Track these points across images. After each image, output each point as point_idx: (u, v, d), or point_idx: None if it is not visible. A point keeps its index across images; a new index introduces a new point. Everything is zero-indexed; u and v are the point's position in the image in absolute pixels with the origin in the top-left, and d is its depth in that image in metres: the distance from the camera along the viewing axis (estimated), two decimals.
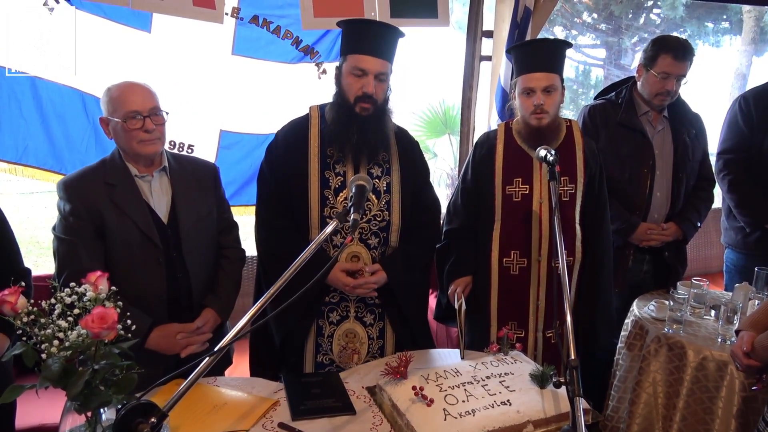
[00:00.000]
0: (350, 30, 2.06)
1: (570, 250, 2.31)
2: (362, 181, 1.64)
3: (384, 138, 2.10)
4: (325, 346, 2.16)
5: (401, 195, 2.14)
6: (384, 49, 2.01)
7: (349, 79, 2.02)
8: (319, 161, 2.08)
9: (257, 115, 3.17)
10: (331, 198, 2.08)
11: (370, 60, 1.98)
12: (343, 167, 2.10)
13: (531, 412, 1.62)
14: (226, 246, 2.19)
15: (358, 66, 1.99)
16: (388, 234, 2.13)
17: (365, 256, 2.11)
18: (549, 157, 1.85)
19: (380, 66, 2.00)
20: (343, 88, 2.05)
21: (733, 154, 3.01)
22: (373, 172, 2.12)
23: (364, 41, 2.00)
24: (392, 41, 2.06)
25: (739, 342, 1.78)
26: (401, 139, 2.22)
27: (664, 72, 2.58)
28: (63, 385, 1.25)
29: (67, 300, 1.30)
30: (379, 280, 2.07)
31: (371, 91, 1.99)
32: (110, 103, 1.91)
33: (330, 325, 2.15)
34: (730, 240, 3.16)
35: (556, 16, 11.04)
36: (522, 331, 2.34)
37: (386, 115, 2.10)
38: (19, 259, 1.95)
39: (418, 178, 2.23)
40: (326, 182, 2.08)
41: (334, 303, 2.14)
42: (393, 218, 2.13)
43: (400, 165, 2.17)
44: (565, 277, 1.53)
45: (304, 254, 1.39)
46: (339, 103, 2.07)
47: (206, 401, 1.68)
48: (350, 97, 2.02)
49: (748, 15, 10.39)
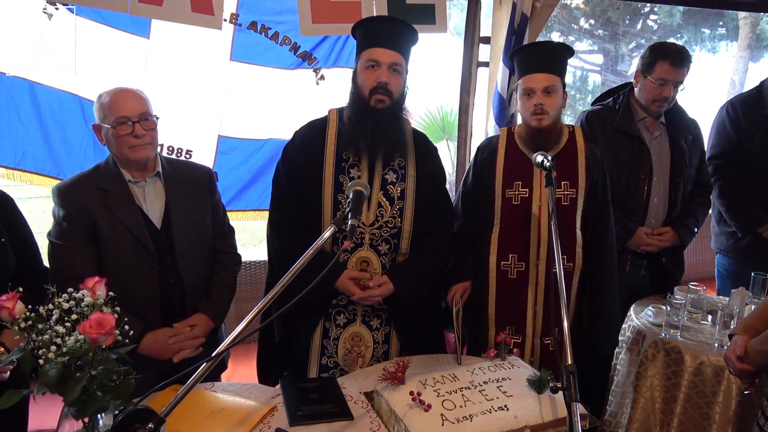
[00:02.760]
0: (363, 29, 2.06)
1: (570, 255, 2.29)
2: (360, 187, 1.65)
3: (400, 136, 2.07)
4: (330, 348, 2.16)
5: (414, 202, 2.12)
6: (396, 42, 2.01)
7: (363, 74, 2.01)
8: (335, 165, 2.07)
9: (255, 121, 3.18)
10: (344, 203, 2.06)
11: (382, 51, 1.98)
12: (358, 171, 2.08)
13: (528, 417, 1.62)
14: (221, 251, 2.19)
15: (371, 58, 1.99)
16: (399, 240, 2.12)
17: (375, 263, 2.09)
18: (545, 162, 1.86)
19: (393, 57, 1.99)
20: (358, 84, 2.04)
21: (723, 160, 3.03)
22: (387, 177, 2.10)
23: (376, 35, 2.00)
24: (404, 35, 2.05)
25: (733, 346, 1.78)
26: (419, 143, 2.19)
27: (661, 78, 2.58)
28: (60, 391, 1.25)
29: (64, 305, 1.30)
30: (385, 293, 2.06)
31: (385, 80, 1.97)
32: (101, 109, 1.92)
33: (336, 327, 2.14)
34: (721, 245, 3.18)
35: (554, 23, 11.08)
36: (519, 336, 2.34)
37: (403, 112, 2.08)
38: (39, 259, 1.97)
39: (433, 185, 2.20)
40: (340, 187, 2.06)
41: (342, 305, 2.14)
42: (404, 225, 2.11)
43: (416, 171, 2.14)
44: (562, 282, 1.53)
45: (303, 259, 1.40)
46: (354, 100, 2.06)
47: (204, 407, 1.68)
48: (365, 90, 2.00)
49: (744, 21, 10.44)
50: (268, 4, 3.04)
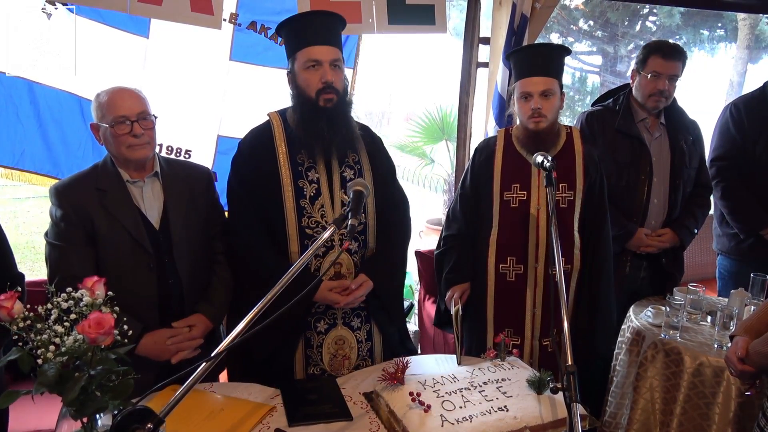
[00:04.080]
0: (293, 27, 2.00)
1: (568, 257, 2.30)
2: (360, 187, 1.65)
3: (352, 132, 2.06)
4: (315, 356, 2.11)
5: (374, 196, 2.10)
6: (331, 37, 1.98)
7: (304, 75, 1.97)
8: (291, 170, 2.03)
9: (255, 121, 3.15)
10: (308, 207, 2.03)
11: (321, 49, 1.95)
12: (315, 173, 2.05)
13: (528, 418, 1.62)
14: (220, 251, 2.17)
15: (311, 57, 1.95)
16: (366, 237, 2.12)
17: (347, 262, 2.08)
18: (546, 163, 1.86)
19: (332, 53, 1.97)
20: (300, 86, 1.99)
21: (726, 161, 3.03)
22: (345, 175, 2.08)
23: (310, 33, 1.96)
24: (337, 29, 2.03)
25: (734, 347, 1.78)
26: (366, 137, 2.18)
27: (654, 72, 2.60)
28: (59, 391, 1.24)
29: (63, 305, 1.29)
30: (367, 290, 2.05)
31: (331, 79, 1.95)
32: (99, 108, 1.91)
33: (318, 335, 2.10)
34: (723, 247, 3.17)
35: (553, 23, 11.08)
36: (518, 338, 2.34)
37: (349, 107, 2.07)
38: (12, 264, 1.94)
39: (387, 175, 2.20)
40: (301, 192, 2.03)
41: (320, 312, 2.10)
42: (369, 221, 2.11)
43: (371, 165, 2.13)
44: (562, 284, 1.53)
45: (300, 262, 1.39)
46: (301, 102, 2.01)
47: (203, 407, 1.68)
48: (311, 92, 1.97)
49: (743, 23, 10.45)
50: (268, 4, 3.04)
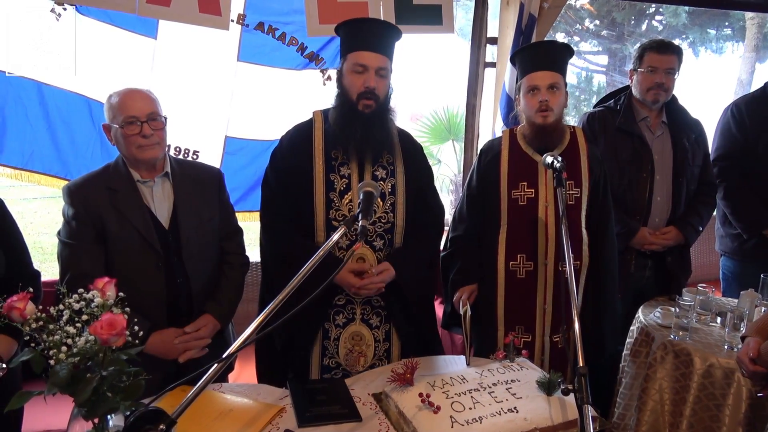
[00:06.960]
0: (349, 30, 2.07)
1: (577, 254, 2.31)
2: (370, 188, 1.65)
3: (387, 136, 2.10)
4: (331, 349, 2.15)
5: (405, 197, 2.15)
6: (382, 46, 2.03)
7: (350, 77, 2.03)
8: (324, 164, 2.09)
9: (262, 122, 3.18)
10: (336, 200, 2.08)
11: (369, 55, 2.01)
12: (348, 169, 2.10)
13: (538, 420, 1.61)
14: (229, 252, 2.19)
15: (358, 62, 2.01)
16: (392, 236, 2.14)
17: (371, 259, 2.10)
18: (556, 163, 1.86)
19: (380, 61, 2.02)
20: (345, 87, 2.06)
21: (728, 161, 3.02)
22: (377, 174, 2.12)
23: (363, 38, 2.03)
24: (390, 38, 2.08)
25: (745, 348, 1.77)
26: (405, 141, 2.23)
27: (650, 66, 2.64)
28: (71, 392, 1.25)
29: (75, 306, 1.30)
30: (386, 279, 2.05)
31: (373, 85, 2.00)
32: (110, 109, 1.93)
33: (336, 327, 2.14)
34: (726, 247, 3.16)
35: (559, 23, 11.06)
36: (529, 335, 2.34)
37: (389, 113, 2.11)
38: (29, 261, 1.96)
39: (422, 180, 2.24)
40: (331, 185, 2.09)
41: (340, 305, 2.14)
42: (397, 220, 2.14)
43: (404, 167, 2.17)
44: (573, 282, 1.53)
45: (311, 262, 1.39)
46: (342, 102, 2.08)
47: (212, 408, 1.68)
48: (353, 94, 2.03)
49: (750, 22, 10.39)
50: (276, 4, 3.05)
